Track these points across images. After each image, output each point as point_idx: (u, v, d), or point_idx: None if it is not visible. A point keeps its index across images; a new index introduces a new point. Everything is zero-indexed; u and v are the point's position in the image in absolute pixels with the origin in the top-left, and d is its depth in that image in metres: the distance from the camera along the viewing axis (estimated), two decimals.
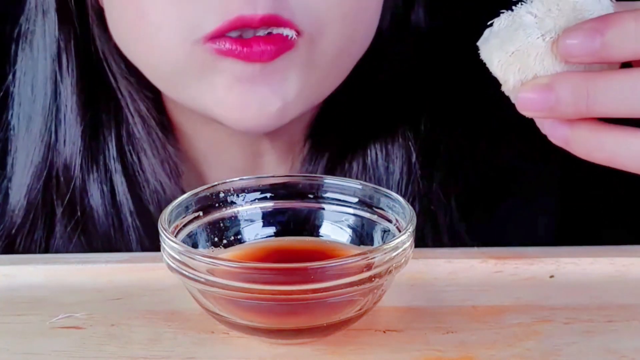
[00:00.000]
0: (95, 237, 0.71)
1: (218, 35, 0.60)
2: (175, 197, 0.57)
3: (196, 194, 0.55)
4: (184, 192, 0.57)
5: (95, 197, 0.71)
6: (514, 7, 0.50)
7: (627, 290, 0.57)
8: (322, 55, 0.63)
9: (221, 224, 0.56)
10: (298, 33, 0.61)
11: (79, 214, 0.71)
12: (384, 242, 0.52)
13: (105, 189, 0.71)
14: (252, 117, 0.62)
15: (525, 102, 0.48)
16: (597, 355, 0.50)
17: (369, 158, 0.72)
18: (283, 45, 0.61)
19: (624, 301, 0.55)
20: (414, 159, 0.72)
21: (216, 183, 0.57)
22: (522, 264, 0.58)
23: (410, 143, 0.72)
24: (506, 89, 0.50)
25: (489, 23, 0.50)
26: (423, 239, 0.71)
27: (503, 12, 0.50)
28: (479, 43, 0.51)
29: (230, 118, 0.63)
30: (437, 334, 0.52)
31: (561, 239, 0.68)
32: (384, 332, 0.52)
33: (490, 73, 0.51)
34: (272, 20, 0.59)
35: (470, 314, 0.54)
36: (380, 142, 0.72)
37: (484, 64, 0.51)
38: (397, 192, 0.65)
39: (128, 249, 0.71)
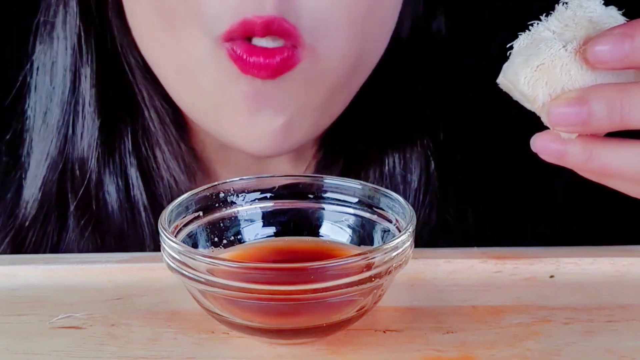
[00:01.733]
0: (108, 232, 0.71)
1: (230, 38, 0.60)
2: None
3: (196, 193, 0.55)
4: None
5: (110, 191, 0.70)
6: (530, 27, 0.50)
7: (627, 290, 0.57)
8: (327, 70, 0.62)
9: (221, 224, 0.56)
10: (301, 45, 0.60)
11: (93, 207, 0.71)
12: (384, 242, 0.52)
13: (120, 183, 0.70)
14: (257, 137, 0.62)
15: (558, 117, 0.48)
16: (597, 355, 0.50)
17: (387, 167, 0.71)
18: (284, 63, 0.59)
19: (624, 301, 0.55)
20: (432, 168, 0.71)
21: (216, 183, 0.57)
22: (522, 264, 0.58)
23: (429, 152, 0.72)
24: (536, 107, 0.49)
25: (508, 46, 0.50)
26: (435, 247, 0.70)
27: (521, 34, 0.50)
28: (500, 79, 0.50)
29: (246, 146, 0.63)
30: (437, 334, 0.52)
31: (561, 239, 0.68)
32: (384, 332, 0.52)
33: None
34: (277, 24, 0.58)
35: (470, 314, 0.54)
36: (398, 151, 0.71)
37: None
38: (414, 202, 0.65)
39: (141, 244, 0.70)
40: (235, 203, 0.57)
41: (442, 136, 0.72)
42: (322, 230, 0.57)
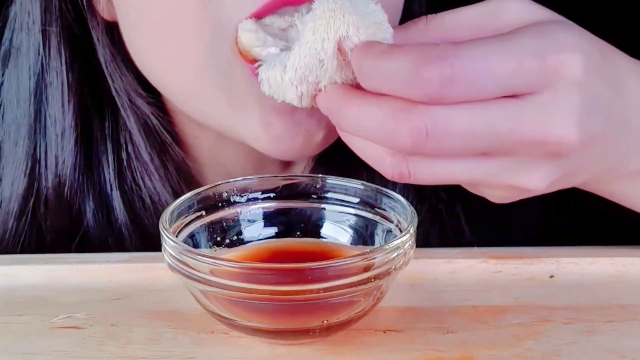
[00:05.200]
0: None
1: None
2: None
3: (198, 193, 0.55)
4: None
5: (89, 216, 0.69)
6: None
7: (627, 290, 0.57)
8: None
9: (223, 224, 0.56)
10: None
11: (73, 232, 0.70)
12: (385, 243, 0.52)
13: (100, 205, 0.69)
14: (298, 148, 0.60)
15: None
16: (597, 355, 0.50)
17: None
18: None
19: (624, 301, 0.55)
20: None
21: (219, 183, 0.56)
22: (522, 264, 0.58)
23: None
24: None
25: None
26: (428, 241, 0.70)
27: None
28: None
29: (273, 150, 0.61)
30: (437, 334, 0.52)
31: (561, 239, 0.68)
32: (384, 332, 0.52)
33: None
34: None
35: (470, 314, 0.54)
36: None
37: None
38: (404, 194, 0.65)
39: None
40: (237, 203, 0.57)
41: None
42: (324, 231, 0.57)
